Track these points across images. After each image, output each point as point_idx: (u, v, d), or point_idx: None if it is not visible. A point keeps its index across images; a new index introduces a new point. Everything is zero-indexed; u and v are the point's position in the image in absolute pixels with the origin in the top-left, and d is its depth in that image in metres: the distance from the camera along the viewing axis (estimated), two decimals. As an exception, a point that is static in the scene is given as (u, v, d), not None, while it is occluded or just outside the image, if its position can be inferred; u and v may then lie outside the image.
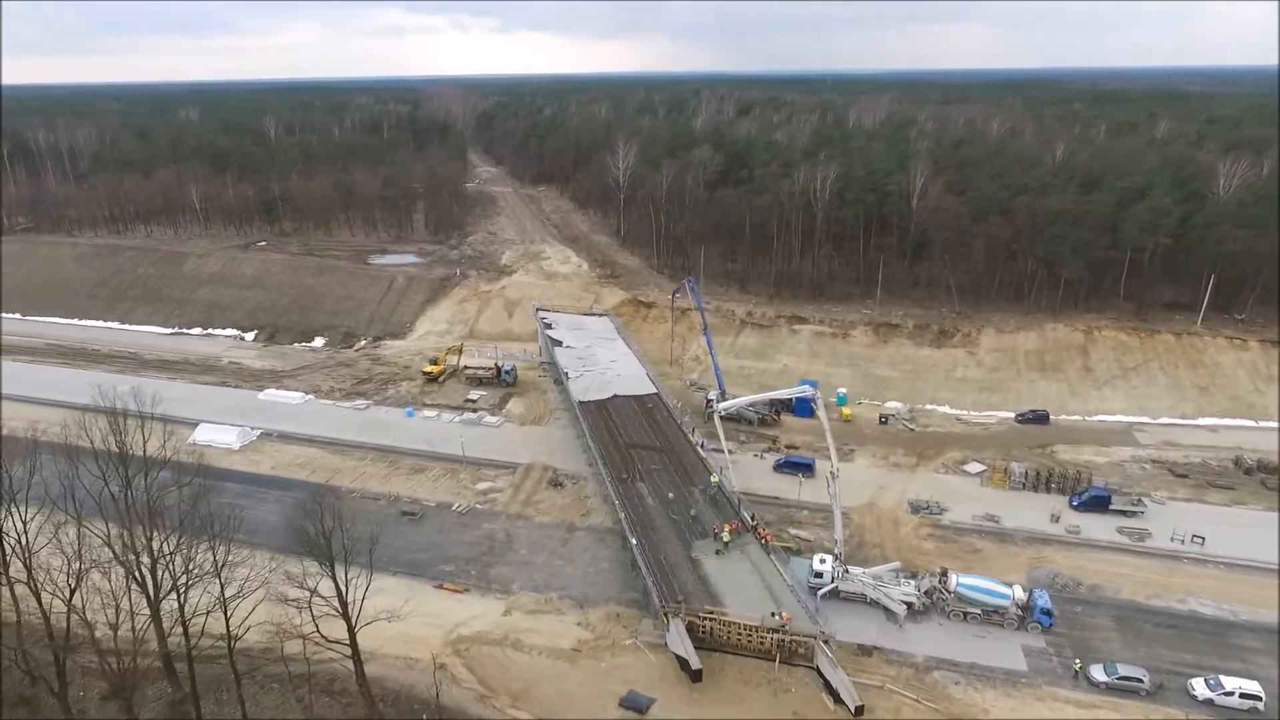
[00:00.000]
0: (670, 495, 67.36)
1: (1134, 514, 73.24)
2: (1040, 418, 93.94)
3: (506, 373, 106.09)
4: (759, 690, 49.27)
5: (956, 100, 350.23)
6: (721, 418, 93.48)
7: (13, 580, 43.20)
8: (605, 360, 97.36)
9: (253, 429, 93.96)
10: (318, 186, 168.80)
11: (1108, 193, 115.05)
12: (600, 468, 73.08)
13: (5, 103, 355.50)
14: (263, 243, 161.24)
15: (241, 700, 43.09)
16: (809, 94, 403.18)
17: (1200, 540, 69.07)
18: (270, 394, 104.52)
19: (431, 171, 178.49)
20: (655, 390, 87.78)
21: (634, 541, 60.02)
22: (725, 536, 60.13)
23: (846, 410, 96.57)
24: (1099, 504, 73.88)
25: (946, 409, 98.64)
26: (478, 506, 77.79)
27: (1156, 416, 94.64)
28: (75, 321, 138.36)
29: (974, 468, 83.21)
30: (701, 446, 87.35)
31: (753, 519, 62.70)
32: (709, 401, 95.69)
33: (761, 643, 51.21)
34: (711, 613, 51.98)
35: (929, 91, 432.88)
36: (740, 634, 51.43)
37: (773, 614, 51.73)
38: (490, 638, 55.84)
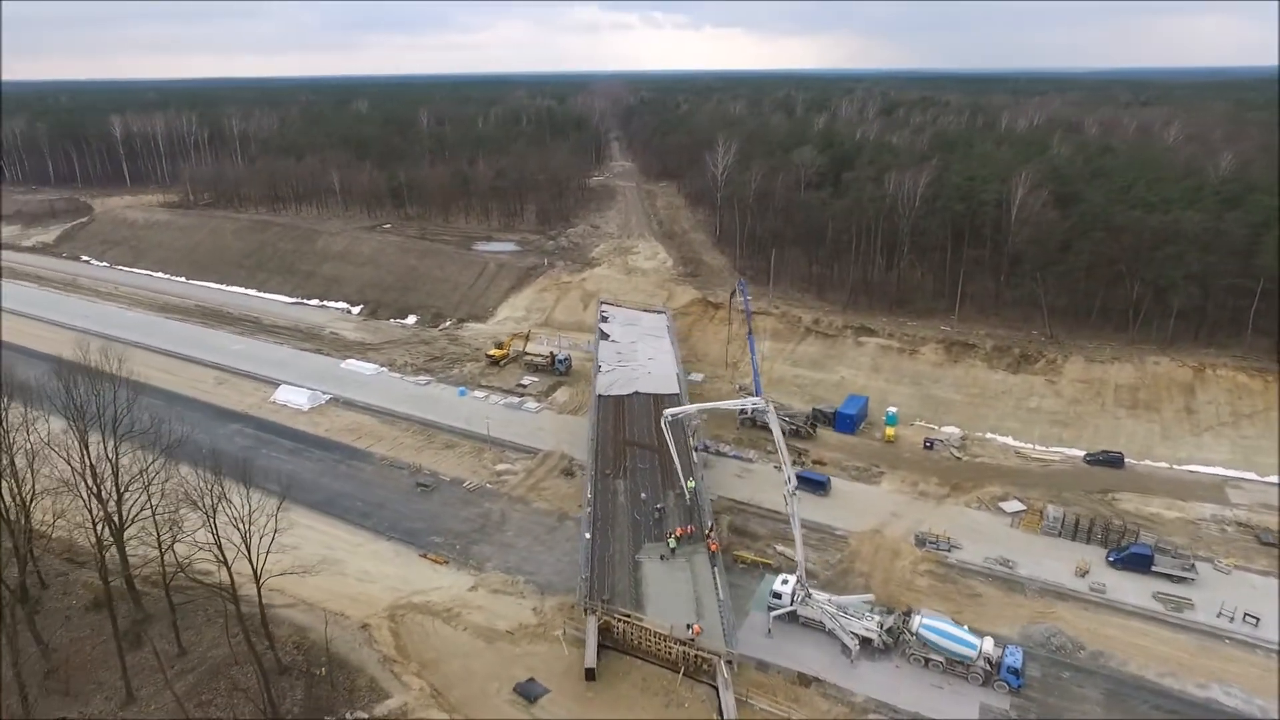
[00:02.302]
0: (643, 495, 67.09)
1: (1181, 579, 63.88)
2: (1113, 460, 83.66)
3: (560, 361, 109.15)
4: (653, 699, 48.45)
5: (1150, 102, 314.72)
6: (751, 425, 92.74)
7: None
8: (643, 357, 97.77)
9: (324, 394, 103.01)
10: (440, 175, 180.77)
11: (1250, 211, 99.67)
12: (589, 460, 74.03)
13: (224, 93, 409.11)
14: (387, 225, 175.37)
15: (176, 628, 48.58)
16: (977, 93, 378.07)
17: (1254, 620, 59.24)
18: (350, 364, 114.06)
19: (544, 165, 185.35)
20: (677, 391, 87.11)
21: (587, 536, 60.60)
22: (671, 542, 59.23)
23: (890, 430, 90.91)
24: (1139, 563, 65.10)
25: (1008, 440, 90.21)
26: (487, 486, 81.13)
27: (1264, 474, 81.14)
28: (222, 286, 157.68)
29: (1011, 506, 75.85)
30: (717, 451, 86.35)
31: (709, 528, 61.13)
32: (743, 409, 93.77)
33: (669, 652, 50.25)
34: (627, 615, 51.62)
35: (1121, 92, 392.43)
36: (650, 640, 50.73)
37: (688, 625, 50.57)
38: (434, 609, 58.61)
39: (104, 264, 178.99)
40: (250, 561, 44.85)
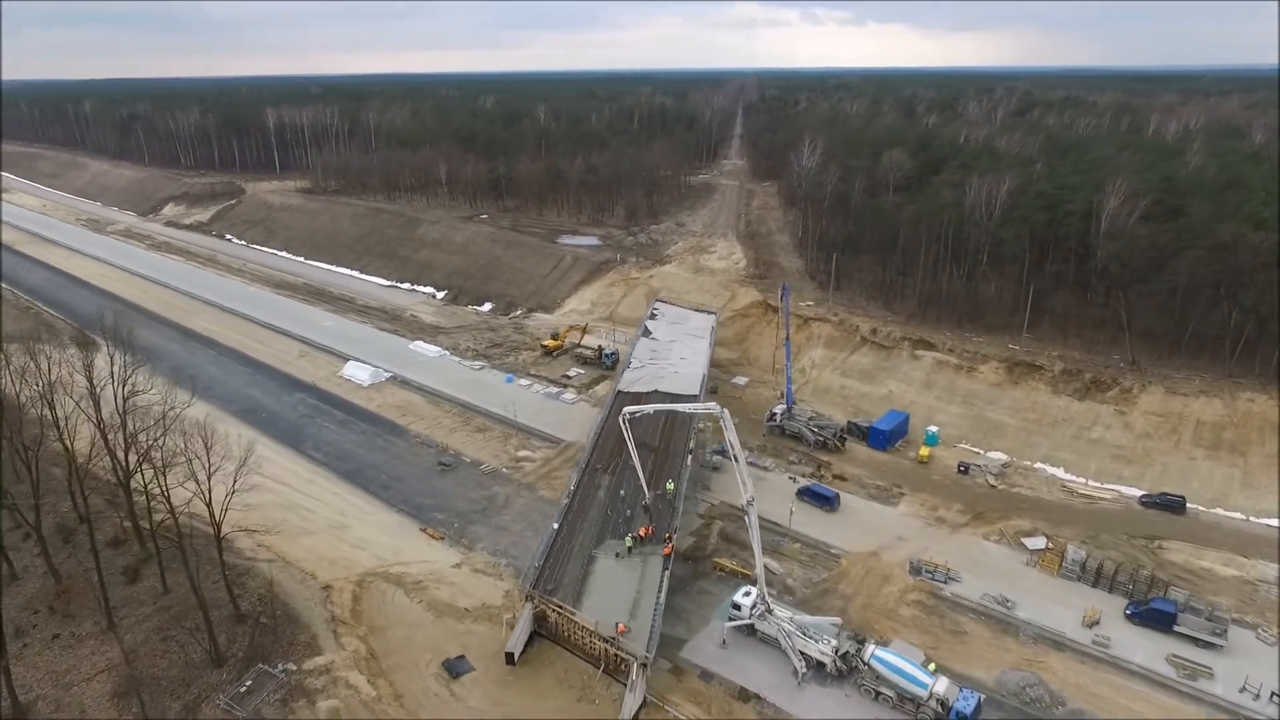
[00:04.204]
0: (622, 493, 67.28)
1: (1207, 644, 56.75)
2: (1172, 504, 75.13)
3: (607, 356, 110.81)
4: (568, 691, 49.03)
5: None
6: (780, 434, 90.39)
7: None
8: (675, 357, 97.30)
9: (385, 372, 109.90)
10: (535, 169, 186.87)
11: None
12: (584, 453, 75.04)
13: (375, 89, 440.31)
14: (484, 216, 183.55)
15: (161, 569, 54.31)
16: (1144, 93, 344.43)
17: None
18: (416, 345, 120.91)
19: (639, 161, 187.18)
20: (697, 393, 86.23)
21: (554, 526, 61.74)
22: (628, 541, 59.22)
23: (925, 450, 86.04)
24: (1159, 620, 58.51)
25: (1059, 472, 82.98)
26: (503, 470, 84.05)
27: (1362, 536, 70.31)
28: (331, 267, 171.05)
29: (1035, 542, 69.91)
30: (721, 453, 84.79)
31: (668, 532, 60.51)
32: (771, 414, 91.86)
33: (594, 648, 50.60)
34: (560, 606, 52.40)
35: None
36: (578, 634, 51.29)
37: (616, 624, 50.66)
38: (405, 579, 61.82)
39: (242, 242, 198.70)
40: (211, 515, 49.34)
